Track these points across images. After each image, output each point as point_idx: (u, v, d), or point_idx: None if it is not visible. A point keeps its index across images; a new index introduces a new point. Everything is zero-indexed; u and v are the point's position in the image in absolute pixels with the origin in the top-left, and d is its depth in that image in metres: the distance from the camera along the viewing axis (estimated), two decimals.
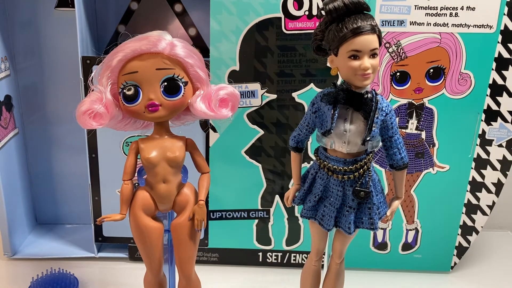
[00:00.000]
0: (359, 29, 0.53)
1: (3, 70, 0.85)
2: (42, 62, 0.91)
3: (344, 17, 0.54)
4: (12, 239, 0.90)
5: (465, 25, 0.75)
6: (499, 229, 1.08)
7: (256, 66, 0.78)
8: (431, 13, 0.75)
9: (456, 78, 0.78)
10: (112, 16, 0.89)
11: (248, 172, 0.85)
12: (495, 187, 0.85)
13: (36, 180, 0.99)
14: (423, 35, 0.76)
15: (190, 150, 0.62)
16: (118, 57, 0.56)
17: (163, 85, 0.56)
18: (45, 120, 0.95)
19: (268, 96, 0.80)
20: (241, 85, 0.79)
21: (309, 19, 0.76)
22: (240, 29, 0.76)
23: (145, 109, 0.57)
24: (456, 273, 0.92)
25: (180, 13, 0.89)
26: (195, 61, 0.57)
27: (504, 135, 0.82)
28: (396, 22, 0.76)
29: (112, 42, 0.69)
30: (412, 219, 0.87)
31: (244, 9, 0.75)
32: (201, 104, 0.58)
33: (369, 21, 0.54)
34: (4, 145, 0.86)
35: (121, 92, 0.57)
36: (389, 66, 0.78)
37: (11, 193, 0.89)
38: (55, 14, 0.88)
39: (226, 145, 0.83)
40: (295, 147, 0.64)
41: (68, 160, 0.98)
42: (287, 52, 0.78)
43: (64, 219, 1.03)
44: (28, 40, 0.89)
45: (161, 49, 0.55)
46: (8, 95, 0.87)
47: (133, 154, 0.61)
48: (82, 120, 0.57)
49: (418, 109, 0.80)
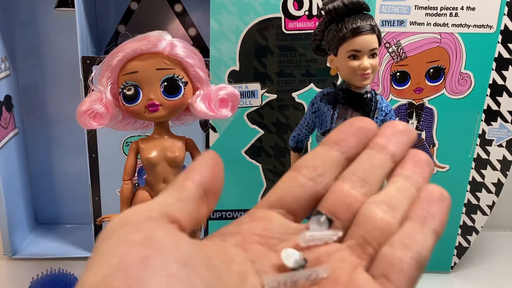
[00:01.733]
0: (359, 29, 0.53)
1: (3, 70, 0.85)
2: (42, 62, 0.91)
3: (344, 17, 0.54)
4: (12, 239, 0.90)
5: (465, 25, 0.75)
6: (499, 229, 1.08)
7: (256, 66, 0.78)
8: (431, 13, 0.75)
9: (456, 78, 0.78)
10: (112, 16, 0.89)
11: (248, 172, 0.85)
12: (495, 187, 0.85)
13: (36, 180, 0.99)
14: (423, 35, 0.76)
15: (190, 150, 0.62)
16: (118, 57, 0.56)
17: (163, 85, 0.56)
18: (45, 120, 0.95)
19: (268, 96, 0.80)
20: (241, 85, 0.79)
21: (309, 19, 0.76)
22: (240, 29, 0.76)
23: (145, 109, 0.57)
24: (456, 273, 0.92)
25: (180, 13, 0.89)
26: (195, 61, 0.57)
27: (504, 135, 0.82)
28: (396, 22, 0.76)
29: (112, 42, 0.69)
30: None
31: (244, 9, 0.75)
32: (201, 104, 0.58)
33: (369, 21, 0.54)
34: (4, 145, 0.86)
35: (121, 92, 0.57)
36: (389, 66, 0.78)
37: (11, 193, 0.89)
38: (55, 14, 0.88)
39: (226, 145, 0.83)
40: (295, 147, 0.64)
41: (68, 160, 0.98)
42: (287, 52, 0.78)
43: (64, 219, 1.03)
44: (28, 40, 0.89)
45: (161, 49, 0.55)
46: (8, 95, 0.87)
47: (133, 154, 0.61)
48: (82, 120, 0.57)
49: (418, 109, 0.80)
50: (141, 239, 0.17)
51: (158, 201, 0.20)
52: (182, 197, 0.20)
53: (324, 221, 0.22)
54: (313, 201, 0.23)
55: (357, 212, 0.23)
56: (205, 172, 0.21)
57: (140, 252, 0.17)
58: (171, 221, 0.19)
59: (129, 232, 0.18)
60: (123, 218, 0.19)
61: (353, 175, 0.24)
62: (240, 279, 0.19)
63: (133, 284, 0.16)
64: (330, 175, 0.24)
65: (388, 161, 0.24)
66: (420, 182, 0.24)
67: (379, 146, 0.24)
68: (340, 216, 0.23)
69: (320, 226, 0.22)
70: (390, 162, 0.24)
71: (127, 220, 0.19)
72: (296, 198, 0.23)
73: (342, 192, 0.23)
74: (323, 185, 0.24)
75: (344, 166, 0.24)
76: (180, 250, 0.17)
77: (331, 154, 0.24)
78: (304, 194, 0.23)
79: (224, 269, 0.19)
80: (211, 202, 0.21)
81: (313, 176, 0.23)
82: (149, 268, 0.16)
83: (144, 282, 0.16)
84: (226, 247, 0.21)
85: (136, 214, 0.19)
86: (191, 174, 0.21)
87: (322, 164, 0.24)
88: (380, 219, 0.22)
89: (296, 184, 0.23)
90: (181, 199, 0.20)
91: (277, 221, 0.22)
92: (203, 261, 0.18)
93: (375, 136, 0.25)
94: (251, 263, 0.20)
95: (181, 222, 0.19)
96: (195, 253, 0.18)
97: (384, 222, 0.22)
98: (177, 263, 0.17)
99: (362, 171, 0.24)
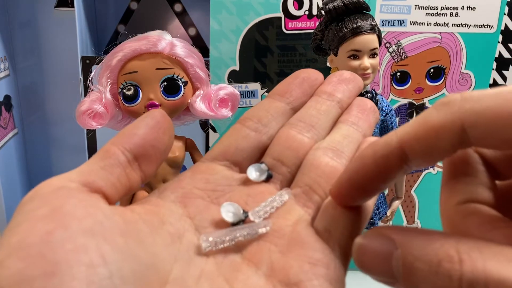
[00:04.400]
0: (359, 28, 0.53)
1: (3, 70, 0.85)
2: (42, 62, 0.91)
3: (344, 17, 0.54)
4: None
5: (466, 25, 0.75)
6: None
7: (256, 66, 0.78)
8: (432, 13, 0.75)
9: (456, 78, 0.78)
10: (112, 16, 0.89)
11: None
12: None
13: (36, 180, 0.99)
14: (424, 35, 0.76)
15: (190, 150, 0.62)
16: (118, 57, 0.56)
17: (163, 85, 0.56)
18: (45, 120, 0.95)
19: None
20: (241, 85, 0.79)
21: (309, 19, 0.76)
22: (240, 29, 0.76)
23: (145, 109, 0.57)
24: None
25: (180, 13, 0.89)
26: (195, 61, 0.57)
27: None
28: (396, 22, 0.75)
29: (112, 42, 0.69)
30: (413, 219, 0.87)
31: (244, 9, 0.75)
32: (201, 104, 0.58)
33: (369, 20, 0.54)
34: (4, 145, 0.86)
35: (120, 92, 0.57)
36: (389, 66, 0.78)
37: (10, 193, 0.89)
38: (55, 14, 0.88)
39: None
40: None
41: (68, 160, 0.98)
42: (287, 52, 0.77)
43: None
44: (27, 40, 0.89)
45: (161, 49, 0.55)
46: (7, 95, 0.87)
47: None
48: (82, 120, 0.57)
49: (419, 109, 0.80)
50: (45, 212, 0.16)
51: (78, 170, 0.19)
52: (105, 164, 0.19)
53: (264, 168, 0.21)
54: (258, 151, 0.22)
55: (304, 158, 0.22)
56: (136, 135, 0.19)
57: (43, 227, 0.15)
58: (93, 190, 0.18)
59: (35, 206, 0.16)
60: (33, 192, 0.17)
61: (299, 120, 0.23)
62: (171, 239, 0.18)
63: (33, 261, 0.14)
64: (276, 125, 0.23)
65: (335, 107, 0.24)
66: (365, 129, 0.23)
67: (325, 93, 0.24)
68: (287, 162, 0.22)
69: (259, 175, 0.21)
70: (337, 108, 0.24)
71: (36, 193, 0.17)
72: (240, 150, 0.22)
73: (288, 137, 0.22)
74: (268, 136, 0.23)
75: (290, 116, 0.24)
76: (90, 219, 0.16)
77: (275, 105, 0.23)
78: (248, 144, 0.22)
79: (149, 233, 0.17)
80: (146, 167, 0.20)
81: (257, 126, 0.23)
82: (51, 243, 0.15)
83: (45, 259, 0.14)
84: (160, 206, 0.19)
85: (48, 186, 0.17)
86: (119, 139, 0.19)
87: (266, 115, 0.23)
88: (325, 165, 0.21)
89: (240, 136, 0.22)
90: (104, 166, 0.19)
91: (220, 173, 0.21)
92: (120, 227, 0.16)
93: (321, 84, 0.24)
94: (190, 219, 0.19)
95: (105, 190, 0.18)
96: (109, 221, 0.16)
97: (329, 168, 0.21)
98: (84, 233, 0.15)
99: (308, 116, 0.23)
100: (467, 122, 0.16)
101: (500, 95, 0.15)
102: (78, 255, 0.15)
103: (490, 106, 0.15)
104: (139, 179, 0.20)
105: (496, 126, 0.15)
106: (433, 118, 0.16)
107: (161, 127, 0.20)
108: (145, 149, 0.19)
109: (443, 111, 0.16)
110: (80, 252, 0.15)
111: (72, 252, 0.15)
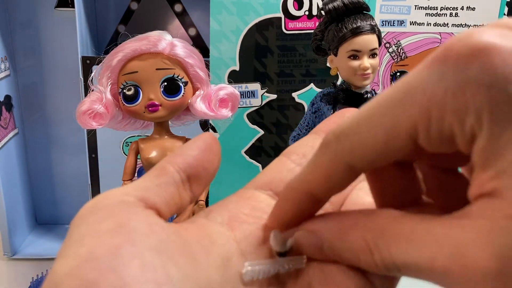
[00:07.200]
0: (359, 29, 0.53)
1: (3, 70, 0.85)
2: (42, 62, 0.91)
3: (344, 17, 0.54)
4: (12, 239, 0.90)
5: (465, 25, 0.75)
6: None
7: (256, 66, 0.78)
8: (431, 13, 0.75)
9: None
10: (112, 16, 0.89)
11: (248, 172, 0.85)
12: None
13: (36, 180, 0.99)
14: (423, 35, 0.76)
15: None
16: (118, 57, 0.56)
17: (163, 85, 0.56)
18: (45, 120, 0.95)
19: (268, 96, 0.80)
20: (241, 85, 0.79)
21: (309, 19, 0.76)
22: (240, 29, 0.76)
23: (145, 109, 0.57)
24: None
25: (180, 13, 0.89)
26: (195, 61, 0.57)
27: None
28: (396, 22, 0.76)
29: (112, 42, 0.69)
30: None
31: (244, 9, 0.75)
32: (201, 104, 0.58)
33: (369, 21, 0.54)
34: (4, 145, 0.86)
35: (121, 92, 0.57)
36: (389, 66, 0.78)
37: (11, 193, 0.89)
38: (55, 14, 0.88)
39: (226, 145, 0.83)
40: None
41: (68, 160, 0.98)
42: (287, 52, 0.78)
43: (64, 219, 1.03)
44: (28, 40, 0.89)
45: (161, 49, 0.55)
46: (8, 95, 0.87)
47: (133, 154, 0.61)
48: (82, 120, 0.57)
49: None
50: (112, 226, 0.16)
51: (134, 185, 0.19)
52: (160, 181, 0.19)
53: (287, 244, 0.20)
54: None
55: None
56: (190, 156, 0.20)
57: (110, 240, 0.16)
58: (148, 206, 0.18)
59: (100, 219, 0.17)
60: (94, 203, 0.17)
61: None
62: (221, 262, 0.18)
63: (103, 274, 0.15)
64: None
65: None
66: None
67: None
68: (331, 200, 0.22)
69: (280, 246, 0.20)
70: None
71: (97, 205, 0.17)
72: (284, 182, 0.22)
73: None
74: None
75: None
76: (154, 237, 0.16)
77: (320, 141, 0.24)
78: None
79: (204, 254, 0.18)
80: (196, 188, 0.20)
81: (302, 162, 0.23)
82: (121, 257, 0.15)
83: (115, 272, 0.15)
84: (210, 227, 0.20)
85: (108, 199, 0.18)
86: (173, 158, 0.20)
87: (311, 151, 0.23)
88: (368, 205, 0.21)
89: (284, 169, 0.22)
90: (160, 184, 0.19)
91: (265, 202, 0.22)
92: (180, 247, 0.17)
93: None
94: (236, 243, 0.19)
95: (159, 207, 0.18)
96: (171, 239, 0.17)
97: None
98: (150, 250, 0.16)
99: None
100: (348, 161, 0.17)
101: (362, 120, 0.17)
102: (147, 272, 0.15)
103: (361, 138, 0.17)
104: (189, 199, 0.20)
105: (375, 156, 0.17)
106: (322, 161, 0.18)
107: (212, 150, 0.20)
108: (197, 170, 0.20)
109: (327, 155, 0.18)
110: (148, 269, 0.15)
111: (140, 268, 0.15)
